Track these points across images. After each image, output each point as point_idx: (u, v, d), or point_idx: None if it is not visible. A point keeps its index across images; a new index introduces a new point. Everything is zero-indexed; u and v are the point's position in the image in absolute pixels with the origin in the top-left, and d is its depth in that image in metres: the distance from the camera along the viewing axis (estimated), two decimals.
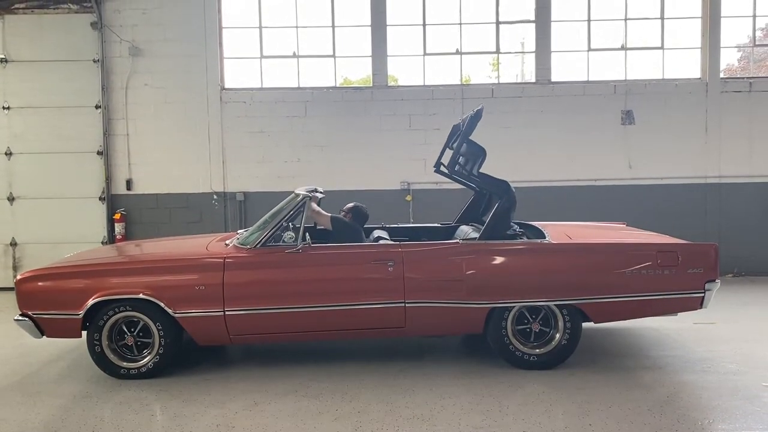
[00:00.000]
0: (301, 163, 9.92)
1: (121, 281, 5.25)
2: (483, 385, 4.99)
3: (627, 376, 5.15)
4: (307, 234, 5.37)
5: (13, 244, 9.88)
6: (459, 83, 10.08)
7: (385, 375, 5.27)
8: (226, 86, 9.99)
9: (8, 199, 9.83)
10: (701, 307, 5.37)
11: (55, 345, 6.16)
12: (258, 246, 5.37)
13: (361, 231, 6.05)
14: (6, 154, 9.80)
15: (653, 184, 9.99)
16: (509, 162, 9.87)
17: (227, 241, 5.72)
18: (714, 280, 5.32)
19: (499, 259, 5.34)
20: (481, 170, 5.82)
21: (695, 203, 9.96)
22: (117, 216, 9.75)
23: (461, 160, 5.78)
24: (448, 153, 6.25)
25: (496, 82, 10.24)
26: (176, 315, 5.18)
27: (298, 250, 5.30)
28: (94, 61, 9.73)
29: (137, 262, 5.56)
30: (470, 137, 5.75)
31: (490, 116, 10.01)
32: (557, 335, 5.36)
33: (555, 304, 5.32)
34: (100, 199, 9.85)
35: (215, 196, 9.89)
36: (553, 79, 10.04)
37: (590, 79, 10.06)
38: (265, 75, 10.02)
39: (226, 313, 5.19)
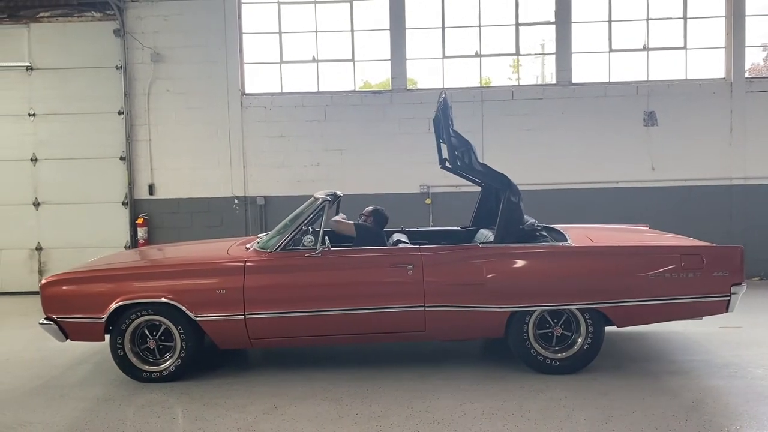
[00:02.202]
0: (321, 167, 9.94)
1: (143, 285, 5.30)
2: (504, 390, 4.95)
3: (651, 381, 5.07)
4: (326, 238, 5.37)
5: (39, 248, 10.03)
6: (478, 86, 10.04)
7: (405, 379, 5.25)
8: (247, 91, 10.06)
9: (34, 204, 9.99)
10: (727, 311, 5.28)
11: (79, 348, 6.22)
12: (278, 250, 5.38)
13: (383, 235, 6.05)
14: (32, 160, 9.96)
15: (677, 186, 9.86)
16: (529, 164, 9.82)
17: (248, 245, 5.75)
18: (740, 284, 5.22)
19: (519, 263, 5.30)
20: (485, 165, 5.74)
21: (720, 205, 9.80)
22: (140, 221, 9.85)
23: (458, 153, 5.69)
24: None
25: (516, 84, 10.19)
26: (197, 318, 5.21)
27: (318, 253, 5.30)
28: (117, 68, 9.86)
29: (159, 266, 5.61)
30: (454, 129, 5.64)
31: (510, 118, 10.04)
32: (579, 339, 5.30)
33: (577, 308, 5.26)
34: (123, 204, 9.97)
35: (236, 201, 9.96)
36: (574, 80, 9.96)
37: (612, 80, 9.96)
38: (285, 80, 10.08)
39: (247, 316, 5.21)
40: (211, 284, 5.25)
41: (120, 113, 9.88)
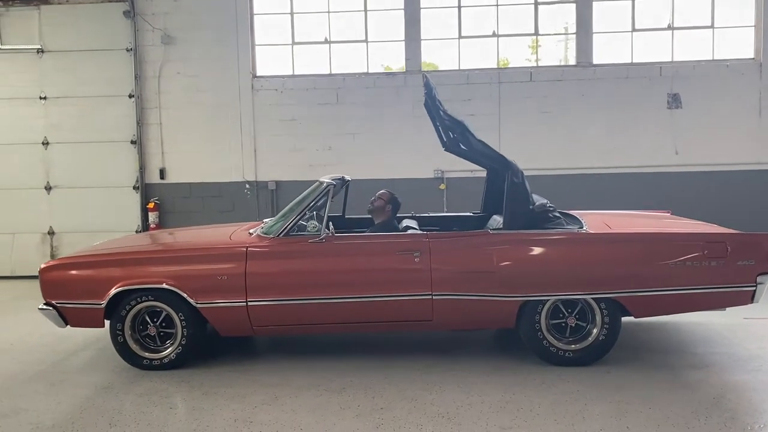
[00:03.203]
0: (333, 152, 9.75)
1: (143, 271, 5.17)
2: (514, 383, 4.74)
3: (670, 375, 4.83)
4: (330, 223, 5.18)
5: (51, 233, 9.99)
6: (496, 67, 9.74)
7: (412, 370, 5.06)
8: (258, 74, 9.87)
9: (46, 188, 9.94)
10: (752, 302, 5.00)
11: (82, 334, 6.12)
12: (281, 235, 5.21)
13: (396, 223, 5.85)
14: (43, 143, 9.89)
15: (702, 171, 9.49)
16: (548, 148, 9.53)
17: (251, 230, 5.58)
18: (767, 273, 4.92)
19: (531, 250, 5.06)
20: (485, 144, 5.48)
21: (748, 192, 9.40)
22: (151, 205, 9.76)
23: (453, 135, 5.44)
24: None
25: (535, 65, 9.86)
26: (198, 305, 5.07)
27: (322, 239, 5.12)
28: (127, 50, 9.73)
29: (159, 251, 5.47)
30: (445, 111, 5.40)
31: (528, 101, 9.73)
32: (594, 330, 5.06)
33: (592, 298, 5.02)
34: (134, 188, 9.88)
35: (247, 185, 9.81)
36: (595, 61, 9.61)
37: (634, 61, 9.59)
38: (297, 62, 9.87)
39: (249, 303, 5.05)
40: (212, 270, 5.10)
41: (131, 96, 9.76)
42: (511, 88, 9.63)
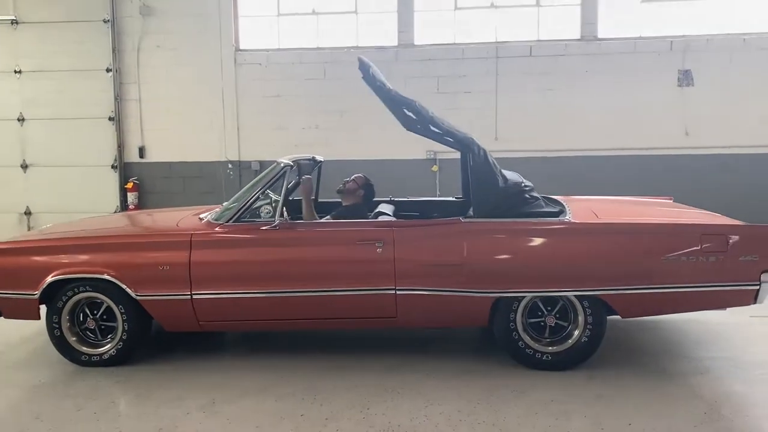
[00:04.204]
0: (320, 130, 9.23)
1: (80, 259, 4.71)
2: (482, 389, 4.23)
3: (659, 383, 4.29)
4: (285, 209, 4.68)
5: (28, 213, 9.64)
6: (493, 41, 9.12)
7: (371, 372, 4.57)
8: (241, 47, 9.35)
9: (22, 166, 9.58)
10: (755, 302, 4.41)
11: (30, 326, 5.70)
12: (231, 221, 4.72)
13: (365, 212, 5.33)
14: (19, 120, 9.51)
15: (714, 154, 8.87)
16: (548, 128, 8.94)
17: (203, 215, 5.09)
18: None
19: (506, 241, 4.51)
20: (443, 122, 4.89)
21: (765, 177, 8.75)
22: (129, 185, 9.35)
23: (412, 114, 4.86)
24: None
25: (536, 39, 9.21)
26: (139, 297, 4.60)
27: (275, 227, 4.63)
28: (105, 22, 9.27)
29: (98, 237, 4.99)
30: (390, 89, 4.82)
31: (527, 77, 9.10)
32: (576, 332, 4.52)
33: (574, 295, 4.48)
34: (112, 167, 9.47)
35: (230, 165, 9.35)
36: (600, 35, 8.96)
37: (643, 34, 8.92)
38: (283, 35, 9.33)
39: (194, 296, 4.58)
40: (153, 259, 4.62)
41: (108, 70, 9.32)
42: (510, 64, 9.03)
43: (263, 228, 4.65)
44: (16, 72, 9.39)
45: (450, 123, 4.87)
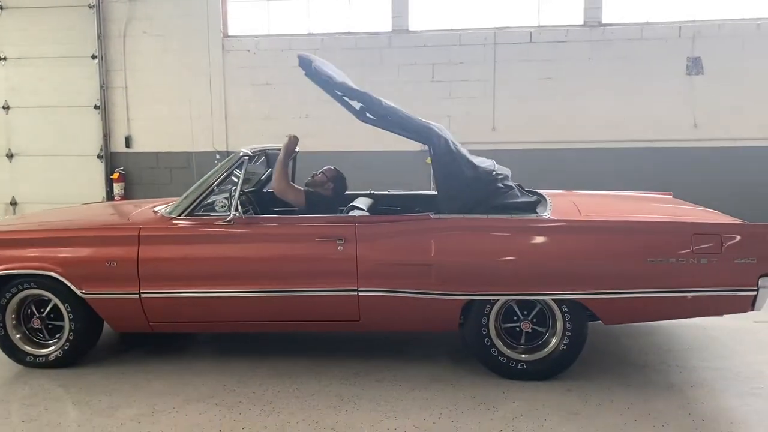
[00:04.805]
0: (310, 120, 8.88)
1: (23, 254, 4.41)
2: (448, 401, 3.87)
3: (643, 397, 3.89)
4: (239, 202, 4.34)
5: (13, 203, 9.43)
6: (492, 26, 8.68)
7: (332, 379, 4.23)
8: (230, 33, 9.02)
9: (7, 156, 9.36)
10: (753, 309, 4.00)
11: None
12: (183, 215, 4.40)
13: (336, 207, 4.99)
14: (4, 108, 9.29)
15: (725, 146, 8.37)
16: (549, 119, 8.51)
17: (157, 208, 4.77)
18: None
19: (478, 239, 4.13)
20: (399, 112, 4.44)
21: None
22: (115, 176, 9.09)
23: (365, 106, 4.48)
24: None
25: (536, 24, 8.75)
26: (85, 295, 4.31)
27: (229, 221, 4.30)
28: (90, 7, 8.98)
29: (44, 231, 4.68)
30: (337, 81, 4.46)
31: (527, 65, 8.66)
32: (553, 339, 4.14)
33: (552, 299, 4.10)
34: (98, 157, 9.21)
35: (218, 156, 9.02)
36: (604, 20, 8.49)
37: (650, 20, 8.43)
38: (273, 20, 8.98)
39: (142, 295, 4.28)
40: (100, 255, 4.32)
41: (93, 57, 9.04)
42: (509, 51, 8.60)
43: (216, 223, 4.32)
44: (1, 59, 9.16)
45: (407, 113, 4.47)
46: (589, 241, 4.05)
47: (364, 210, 4.95)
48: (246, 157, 4.50)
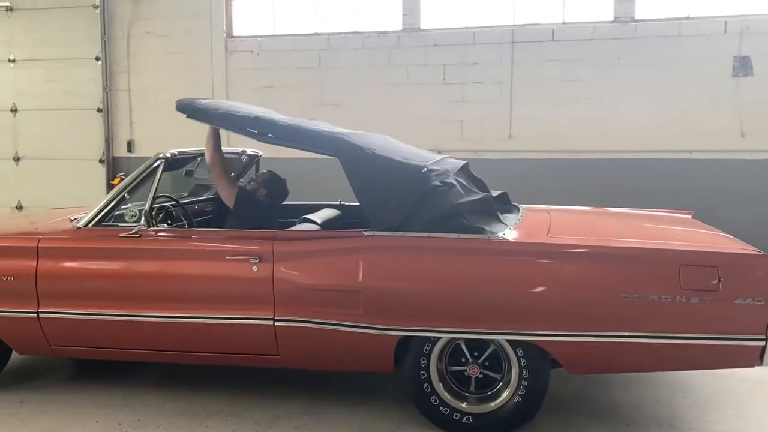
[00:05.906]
0: None
1: None
2: None
3: None
4: (144, 212, 3.77)
5: (19, 207, 9.27)
6: (510, 24, 7.89)
7: (247, 422, 3.60)
8: (234, 33, 8.59)
9: (14, 159, 9.22)
10: (760, 364, 3.13)
11: None
12: (89, 225, 3.88)
13: (274, 213, 4.39)
14: (12, 110, 9.15)
15: None
16: (573, 126, 7.63)
17: (73, 216, 4.28)
18: None
19: (414, 261, 3.41)
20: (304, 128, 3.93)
21: None
22: (116, 181, 8.70)
23: (262, 127, 3.89)
24: None
25: (560, 21, 7.88)
26: None
27: (134, 233, 3.75)
28: (95, 7, 8.73)
29: None
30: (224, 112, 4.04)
31: (549, 65, 7.81)
32: (506, 391, 3.37)
33: (505, 339, 3.34)
34: (100, 161, 8.93)
35: None
36: (638, 15, 7.55)
37: (690, 14, 7.44)
38: (279, 23, 8.51)
39: (41, 314, 3.78)
40: None
41: (97, 59, 8.78)
42: (528, 50, 7.77)
43: (121, 235, 3.78)
44: (10, 61, 9.05)
45: (312, 126, 3.87)
46: (548, 268, 3.27)
47: (317, 223, 4.33)
48: (162, 161, 3.94)
